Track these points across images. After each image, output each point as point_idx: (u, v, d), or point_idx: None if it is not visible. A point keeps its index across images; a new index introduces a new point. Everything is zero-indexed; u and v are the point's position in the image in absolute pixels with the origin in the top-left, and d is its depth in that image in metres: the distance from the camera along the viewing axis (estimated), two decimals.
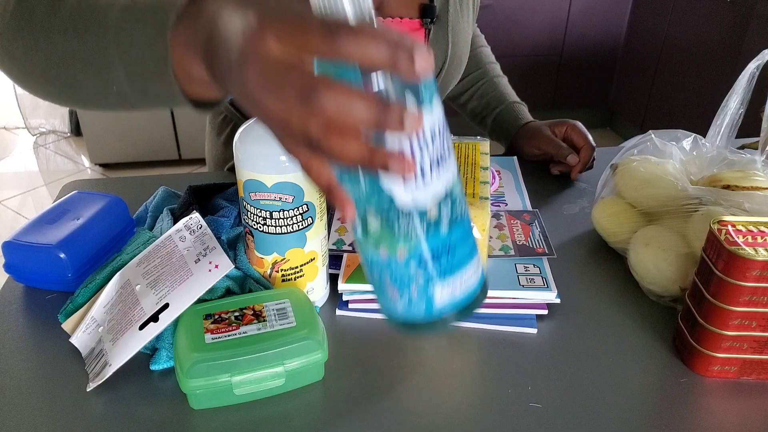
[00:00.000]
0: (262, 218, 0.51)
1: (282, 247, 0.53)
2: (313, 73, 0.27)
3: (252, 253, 0.55)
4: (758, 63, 0.59)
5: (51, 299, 0.59)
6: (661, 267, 0.57)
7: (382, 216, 0.32)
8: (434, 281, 0.34)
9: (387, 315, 0.37)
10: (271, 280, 0.55)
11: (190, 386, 0.46)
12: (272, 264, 0.54)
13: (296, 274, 0.55)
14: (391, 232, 0.33)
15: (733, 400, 0.50)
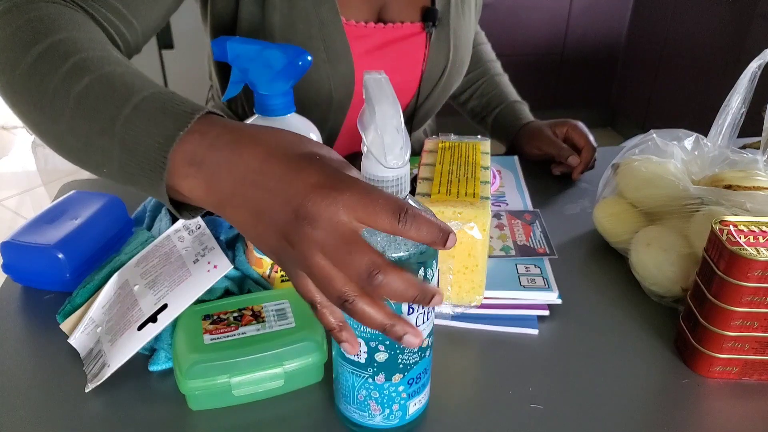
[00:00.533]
0: None
1: None
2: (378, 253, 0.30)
3: (251, 253, 0.54)
4: (760, 62, 0.59)
5: (49, 299, 0.59)
6: (663, 267, 0.57)
7: (390, 351, 0.39)
8: (412, 398, 0.43)
9: (355, 425, 0.44)
10: (270, 280, 0.55)
11: (188, 387, 0.46)
12: (272, 264, 0.53)
13: None
14: (395, 362, 0.40)
15: (734, 400, 0.49)
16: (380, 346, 0.39)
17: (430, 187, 0.55)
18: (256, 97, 0.48)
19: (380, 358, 0.40)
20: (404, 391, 0.42)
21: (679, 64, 2.29)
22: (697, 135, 0.65)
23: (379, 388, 0.41)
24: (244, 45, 0.47)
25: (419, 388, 0.43)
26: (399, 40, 0.73)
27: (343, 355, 0.41)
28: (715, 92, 2.10)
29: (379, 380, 0.41)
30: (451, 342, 0.55)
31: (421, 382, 0.43)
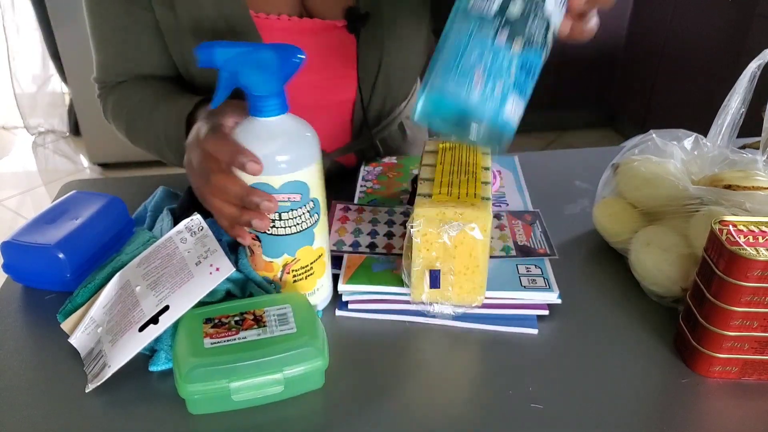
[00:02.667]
0: (271, 220, 0.50)
1: (292, 248, 0.52)
2: None
3: (259, 258, 0.53)
4: (759, 62, 0.59)
5: (50, 299, 0.59)
6: (662, 267, 0.57)
7: (526, 7, 0.36)
8: (514, 91, 0.38)
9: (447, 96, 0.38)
10: (282, 282, 0.54)
11: (187, 391, 0.46)
12: (283, 266, 0.53)
13: (307, 273, 0.54)
14: (524, 25, 0.36)
15: (734, 400, 0.49)
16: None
17: (431, 188, 0.55)
18: (250, 100, 0.48)
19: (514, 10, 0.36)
20: (515, 74, 0.38)
21: (678, 65, 2.29)
22: (697, 135, 0.65)
23: (495, 51, 0.37)
24: (233, 48, 0.47)
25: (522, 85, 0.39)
26: (322, 37, 0.70)
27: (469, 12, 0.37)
28: (714, 92, 2.10)
29: (499, 40, 0.37)
30: (450, 342, 0.55)
31: (530, 80, 0.39)
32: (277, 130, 0.48)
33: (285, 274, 0.53)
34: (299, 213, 0.50)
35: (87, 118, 2.37)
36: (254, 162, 0.46)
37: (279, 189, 0.48)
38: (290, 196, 0.49)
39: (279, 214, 0.50)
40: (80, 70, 2.26)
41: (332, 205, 0.69)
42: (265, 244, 0.52)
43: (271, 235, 0.51)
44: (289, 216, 0.50)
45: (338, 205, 0.69)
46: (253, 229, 0.51)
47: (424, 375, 0.51)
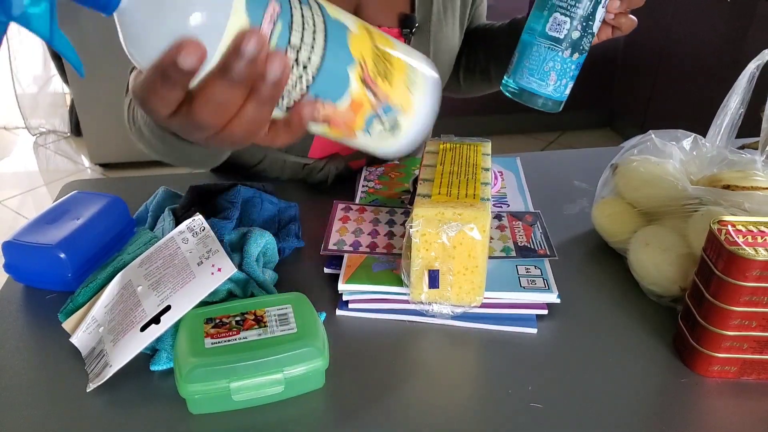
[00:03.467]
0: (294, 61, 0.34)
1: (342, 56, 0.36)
2: None
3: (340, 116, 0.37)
4: (758, 63, 0.59)
5: (51, 299, 0.59)
6: (661, 267, 0.57)
7: (582, 32, 0.57)
8: (571, 81, 0.60)
9: (534, 89, 0.60)
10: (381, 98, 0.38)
11: (188, 391, 0.46)
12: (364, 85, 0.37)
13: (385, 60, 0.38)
14: (579, 41, 0.58)
15: (733, 400, 0.50)
16: (578, 26, 0.57)
17: (430, 189, 0.55)
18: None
19: (574, 36, 0.57)
20: (572, 71, 0.59)
21: (677, 65, 2.29)
22: (696, 135, 0.65)
23: (563, 62, 0.58)
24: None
25: (575, 76, 0.60)
26: None
27: (547, 33, 0.57)
28: (713, 93, 2.10)
29: (565, 54, 0.58)
30: (449, 341, 0.55)
31: (578, 71, 0.60)
32: None
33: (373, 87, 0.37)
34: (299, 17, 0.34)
35: (88, 118, 2.37)
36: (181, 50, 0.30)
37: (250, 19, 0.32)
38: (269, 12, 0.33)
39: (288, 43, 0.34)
40: None
41: (333, 204, 0.69)
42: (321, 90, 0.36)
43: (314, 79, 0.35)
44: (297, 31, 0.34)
45: (339, 204, 0.69)
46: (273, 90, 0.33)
47: (424, 375, 0.51)
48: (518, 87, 0.61)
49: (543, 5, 0.58)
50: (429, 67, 0.42)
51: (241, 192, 0.67)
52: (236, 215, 0.64)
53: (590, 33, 0.58)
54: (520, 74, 0.60)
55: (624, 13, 0.63)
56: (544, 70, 0.59)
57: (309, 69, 0.34)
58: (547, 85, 0.59)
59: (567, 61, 0.58)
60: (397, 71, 0.38)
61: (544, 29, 0.58)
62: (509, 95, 0.62)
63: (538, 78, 0.59)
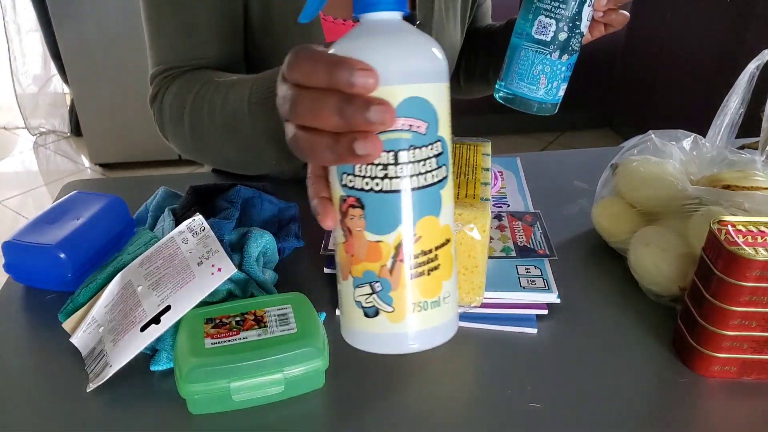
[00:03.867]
0: (383, 166, 0.32)
1: (411, 215, 0.33)
2: None
3: (359, 239, 0.34)
4: (758, 63, 0.59)
5: (51, 299, 0.59)
6: (661, 267, 0.57)
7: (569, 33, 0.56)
8: (563, 83, 0.60)
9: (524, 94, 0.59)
10: (393, 280, 0.34)
11: (188, 391, 0.46)
12: (395, 249, 0.34)
13: (430, 265, 0.35)
14: (568, 42, 0.57)
15: (733, 400, 0.50)
16: (564, 27, 0.56)
17: None
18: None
19: (561, 37, 0.56)
20: (563, 73, 0.58)
21: (677, 65, 2.29)
22: (696, 135, 0.65)
23: (552, 64, 0.57)
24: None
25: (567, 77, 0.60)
26: None
27: (533, 36, 0.57)
28: (713, 93, 2.10)
29: (554, 56, 0.57)
30: (449, 341, 0.55)
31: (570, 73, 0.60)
32: (396, 26, 0.34)
33: (398, 262, 0.34)
34: (423, 155, 0.33)
35: (88, 118, 2.37)
36: (364, 70, 0.30)
37: (397, 108, 0.31)
38: (412, 122, 0.32)
39: (395, 152, 0.32)
40: (81, 71, 2.26)
41: None
42: (371, 210, 0.33)
43: (380, 192, 0.33)
44: (409, 157, 0.32)
45: None
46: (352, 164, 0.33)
47: (424, 374, 0.51)
48: (510, 92, 0.60)
49: (528, 8, 0.57)
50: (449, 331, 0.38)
51: (241, 192, 0.67)
52: (236, 215, 0.64)
53: (578, 33, 0.57)
54: (510, 79, 0.60)
55: (614, 9, 0.61)
56: (533, 74, 0.58)
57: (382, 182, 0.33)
58: (537, 88, 0.58)
59: (556, 63, 0.57)
60: (426, 287, 0.35)
61: (531, 32, 0.57)
62: (501, 101, 0.62)
63: (528, 82, 0.58)
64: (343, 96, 0.30)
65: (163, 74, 0.66)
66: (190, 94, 0.61)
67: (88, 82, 2.27)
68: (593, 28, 0.63)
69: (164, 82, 0.66)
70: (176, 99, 0.63)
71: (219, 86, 0.58)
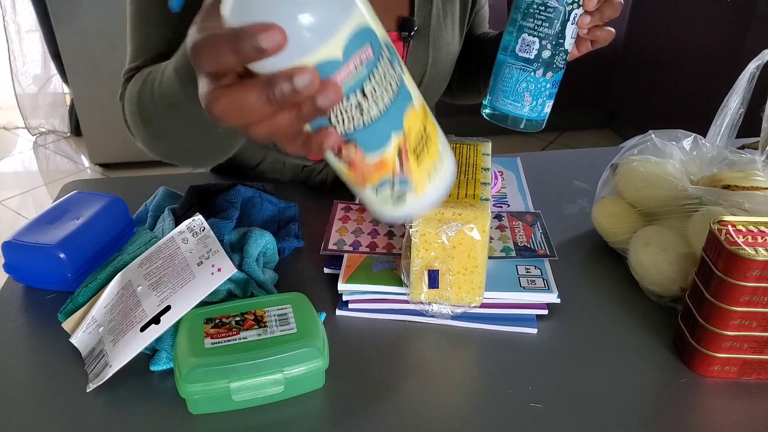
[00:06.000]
0: (356, 105, 0.34)
1: (396, 122, 0.36)
2: None
3: (363, 163, 0.37)
4: (758, 63, 0.59)
5: (51, 299, 0.59)
6: (661, 267, 0.57)
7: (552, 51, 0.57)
8: (548, 99, 0.60)
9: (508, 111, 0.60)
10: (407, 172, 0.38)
11: (187, 391, 0.46)
12: (397, 153, 0.37)
13: (425, 140, 0.39)
14: (552, 60, 0.57)
15: (733, 400, 0.50)
16: (548, 45, 0.56)
17: None
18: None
19: (545, 55, 0.57)
20: (548, 90, 0.59)
21: (677, 65, 2.29)
22: (696, 135, 0.65)
23: (536, 81, 0.58)
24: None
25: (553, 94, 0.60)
26: None
27: (517, 54, 0.58)
28: (713, 93, 2.10)
29: (538, 74, 0.57)
30: (449, 341, 0.55)
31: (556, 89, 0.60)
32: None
33: (403, 158, 0.37)
34: (382, 72, 0.34)
35: (88, 118, 2.37)
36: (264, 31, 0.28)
37: (344, 55, 0.32)
38: (361, 55, 0.32)
39: (360, 90, 0.33)
40: (81, 71, 2.26)
41: (333, 204, 0.69)
42: (365, 140, 0.36)
43: (365, 125, 0.35)
44: (373, 84, 0.34)
45: (339, 204, 0.69)
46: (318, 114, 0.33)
47: (424, 375, 0.51)
48: (495, 109, 0.61)
49: (512, 25, 0.58)
50: (453, 167, 0.43)
51: (240, 192, 0.67)
52: (236, 215, 0.64)
53: (563, 51, 0.57)
54: (495, 96, 0.60)
55: (599, 26, 0.59)
56: (518, 92, 0.58)
57: (363, 117, 0.35)
58: (522, 106, 0.59)
59: (540, 81, 0.58)
60: (429, 157, 0.39)
61: (515, 50, 0.58)
62: (488, 118, 0.62)
63: (513, 99, 0.59)
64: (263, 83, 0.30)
65: (128, 74, 0.65)
66: (138, 83, 0.58)
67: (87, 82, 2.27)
68: (580, 45, 0.62)
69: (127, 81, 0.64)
70: (130, 92, 0.60)
71: (159, 67, 0.54)
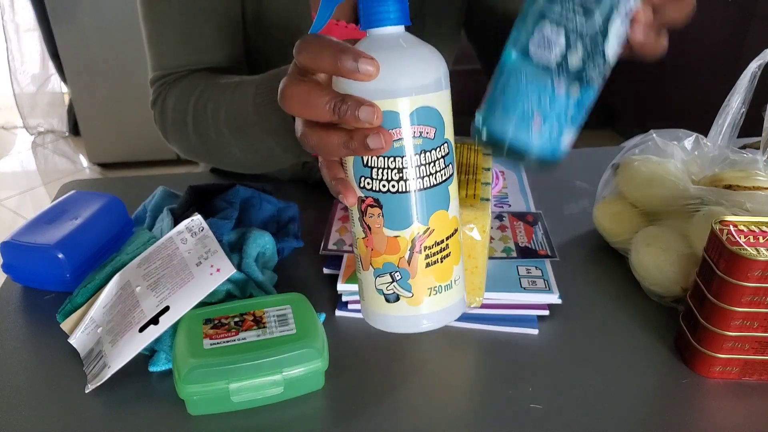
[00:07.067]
0: (398, 170, 0.35)
1: (424, 211, 0.37)
2: None
3: (379, 235, 0.37)
4: (760, 62, 0.59)
5: (49, 299, 0.59)
6: (663, 267, 0.57)
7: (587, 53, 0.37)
8: (571, 126, 0.40)
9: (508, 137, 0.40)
10: (411, 269, 0.38)
11: (187, 392, 0.45)
12: (411, 242, 0.37)
13: (443, 253, 0.39)
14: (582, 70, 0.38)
15: (734, 401, 0.49)
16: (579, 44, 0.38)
17: None
18: (363, 7, 0.36)
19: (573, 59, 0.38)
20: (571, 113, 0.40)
21: (678, 64, 2.29)
22: (697, 135, 0.65)
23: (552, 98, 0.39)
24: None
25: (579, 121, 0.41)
26: None
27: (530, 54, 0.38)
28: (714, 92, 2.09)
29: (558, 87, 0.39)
30: (450, 342, 0.55)
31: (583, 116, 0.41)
32: (400, 41, 0.36)
33: (415, 253, 0.38)
34: (433, 157, 0.36)
35: (86, 117, 2.37)
36: (367, 59, 0.33)
37: (410, 119, 0.35)
38: (423, 128, 0.35)
39: (409, 157, 0.35)
40: (80, 70, 2.26)
41: (333, 204, 0.69)
42: (388, 210, 0.37)
43: (397, 192, 0.36)
44: (421, 161, 0.36)
45: (339, 204, 0.69)
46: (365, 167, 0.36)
47: (424, 375, 0.51)
48: (490, 134, 0.40)
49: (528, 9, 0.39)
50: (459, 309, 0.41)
51: (239, 192, 0.67)
52: (235, 215, 0.64)
53: (600, 58, 0.38)
54: (492, 110, 0.40)
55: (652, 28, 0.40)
56: (524, 110, 0.39)
57: (398, 184, 0.36)
58: (529, 131, 0.39)
59: (561, 98, 0.39)
60: (439, 271, 0.39)
61: (527, 46, 0.38)
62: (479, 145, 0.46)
63: (517, 120, 0.39)
64: (337, 95, 0.34)
65: (163, 79, 0.65)
66: (192, 96, 0.60)
67: (86, 81, 2.26)
68: None
69: (164, 87, 0.65)
70: (179, 102, 0.62)
71: (223, 87, 0.58)
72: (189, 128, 0.61)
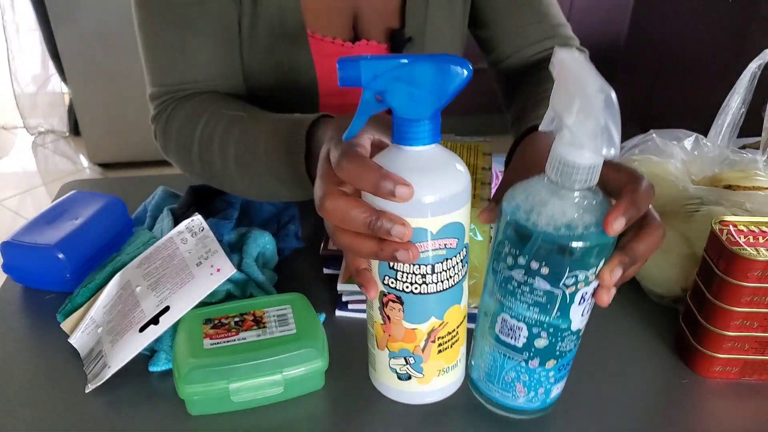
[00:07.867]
0: (421, 275, 0.39)
1: (441, 308, 0.41)
2: None
3: (397, 326, 0.41)
4: (760, 62, 0.59)
5: (50, 299, 0.59)
6: (663, 267, 0.57)
7: (551, 339, 0.40)
8: (558, 382, 0.44)
9: (495, 404, 0.46)
10: (423, 354, 0.42)
11: (187, 392, 0.46)
12: (428, 334, 0.41)
13: (453, 339, 0.42)
14: (553, 349, 0.41)
15: (734, 400, 0.49)
16: (542, 333, 0.40)
17: None
18: (398, 124, 0.38)
19: (540, 344, 0.41)
20: (553, 376, 0.43)
21: (678, 65, 2.29)
22: (697, 135, 0.65)
23: (530, 372, 0.42)
24: (385, 61, 0.37)
25: (566, 374, 0.45)
26: None
27: (498, 337, 0.42)
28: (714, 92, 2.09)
29: (532, 365, 0.42)
30: None
31: (569, 367, 0.44)
32: (431, 161, 0.38)
33: (429, 342, 0.42)
34: (453, 263, 0.39)
35: (87, 118, 2.36)
36: (404, 185, 0.35)
37: (437, 234, 0.38)
38: (447, 241, 0.38)
39: (432, 265, 0.38)
40: (80, 70, 2.26)
41: None
42: (409, 307, 0.40)
43: (419, 294, 0.39)
44: (443, 267, 0.39)
45: None
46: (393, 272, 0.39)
47: None
48: (478, 389, 0.47)
49: (491, 281, 0.42)
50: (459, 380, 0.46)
51: None
52: (235, 215, 0.64)
53: (568, 333, 0.40)
54: (477, 370, 0.46)
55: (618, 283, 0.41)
56: (505, 381, 0.44)
57: (420, 288, 0.39)
58: (515, 396, 0.44)
59: (538, 371, 0.42)
60: (449, 355, 0.43)
61: (493, 328, 0.42)
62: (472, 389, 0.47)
63: (501, 387, 0.44)
64: (374, 211, 0.36)
65: (164, 97, 0.64)
66: (198, 124, 0.60)
67: (86, 81, 2.26)
68: None
69: (165, 105, 0.64)
70: (183, 128, 0.61)
71: (231, 122, 0.58)
72: (193, 156, 0.61)
